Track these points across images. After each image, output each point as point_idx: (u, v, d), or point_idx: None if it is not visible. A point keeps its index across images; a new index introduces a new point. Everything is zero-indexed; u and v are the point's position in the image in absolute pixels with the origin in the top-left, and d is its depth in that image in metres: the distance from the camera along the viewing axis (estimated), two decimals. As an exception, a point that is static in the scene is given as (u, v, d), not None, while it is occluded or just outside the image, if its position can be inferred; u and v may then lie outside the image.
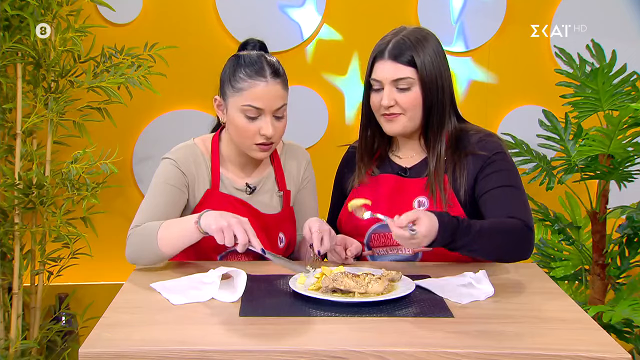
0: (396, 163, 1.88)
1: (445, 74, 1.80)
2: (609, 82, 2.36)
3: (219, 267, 1.62)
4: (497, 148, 1.81)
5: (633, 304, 2.14)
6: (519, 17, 2.85)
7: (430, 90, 1.77)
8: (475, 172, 1.79)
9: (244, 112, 1.74)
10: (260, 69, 1.74)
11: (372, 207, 1.70)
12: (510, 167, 1.81)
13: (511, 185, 1.77)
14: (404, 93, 1.77)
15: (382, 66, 1.78)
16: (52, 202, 2.43)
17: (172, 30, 2.74)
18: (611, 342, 1.33)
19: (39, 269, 2.52)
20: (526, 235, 1.71)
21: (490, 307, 1.50)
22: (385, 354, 1.27)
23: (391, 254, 1.84)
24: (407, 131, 1.82)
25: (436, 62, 1.77)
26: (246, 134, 1.75)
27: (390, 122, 1.80)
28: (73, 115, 2.52)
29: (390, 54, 1.76)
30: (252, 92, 1.73)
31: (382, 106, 1.78)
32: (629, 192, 2.49)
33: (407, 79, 1.76)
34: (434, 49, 1.78)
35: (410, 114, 1.78)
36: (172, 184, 1.79)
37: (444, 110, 1.80)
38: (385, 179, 1.86)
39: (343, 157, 2.00)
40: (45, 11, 2.40)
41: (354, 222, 1.84)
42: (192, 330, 1.36)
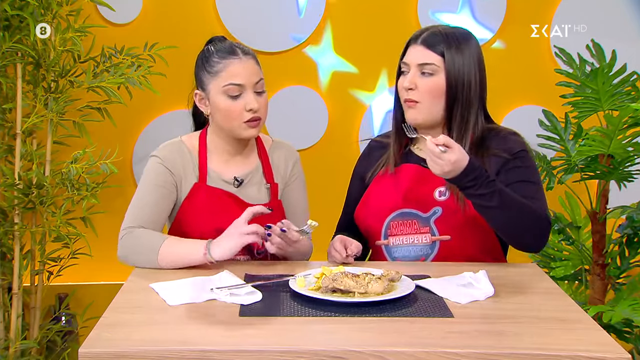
0: (418, 155, 1.90)
1: (476, 74, 1.81)
2: (609, 82, 2.36)
3: (222, 273, 1.62)
4: (519, 147, 1.84)
5: (633, 304, 2.14)
6: (519, 17, 2.85)
7: (456, 83, 1.79)
8: (496, 169, 1.81)
9: (225, 92, 1.79)
10: (230, 50, 1.82)
11: (394, 195, 1.81)
12: (530, 165, 1.84)
13: (531, 182, 1.81)
14: (426, 78, 1.80)
15: (412, 50, 1.83)
16: (52, 202, 2.43)
17: (172, 30, 2.74)
18: (611, 342, 1.33)
19: (39, 269, 2.52)
20: (543, 223, 1.75)
21: (490, 307, 1.50)
22: (385, 354, 1.27)
23: (407, 244, 1.85)
24: (427, 121, 1.83)
25: (467, 60, 1.80)
26: (233, 114, 1.79)
27: (410, 109, 1.83)
28: (73, 115, 2.52)
29: (423, 40, 1.82)
30: (229, 71, 1.79)
31: (403, 88, 1.82)
32: (629, 192, 2.49)
33: (432, 65, 1.79)
34: (469, 49, 1.81)
35: (429, 102, 1.80)
36: (160, 185, 1.82)
37: (470, 107, 1.81)
38: (407, 168, 1.88)
39: (365, 149, 2.03)
40: (45, 11, 2.40)
41: (373, 209, 1.86)
42: (192, 330, 1.36)
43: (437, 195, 1.82)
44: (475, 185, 1.66)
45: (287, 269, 1.73)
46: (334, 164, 2.93)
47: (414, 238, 1.83)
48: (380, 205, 1.85)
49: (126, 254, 1.76)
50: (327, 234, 2.77)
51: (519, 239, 1.77)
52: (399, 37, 2.85)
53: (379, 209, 1.86)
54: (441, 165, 1.63)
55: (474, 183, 1.66)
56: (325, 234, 2.69)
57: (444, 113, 1.82)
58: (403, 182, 1.86)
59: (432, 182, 1.83)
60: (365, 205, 1.91)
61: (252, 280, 1.62)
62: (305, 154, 2.90)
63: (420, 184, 1.84)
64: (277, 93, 2.85)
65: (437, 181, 1.82)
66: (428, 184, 1.84)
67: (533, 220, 1.73)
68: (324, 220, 2.86)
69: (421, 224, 1.82)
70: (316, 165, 2.90)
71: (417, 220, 1.82)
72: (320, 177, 2.91)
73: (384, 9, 2.85)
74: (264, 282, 1.60)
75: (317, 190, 2.89)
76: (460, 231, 1.80)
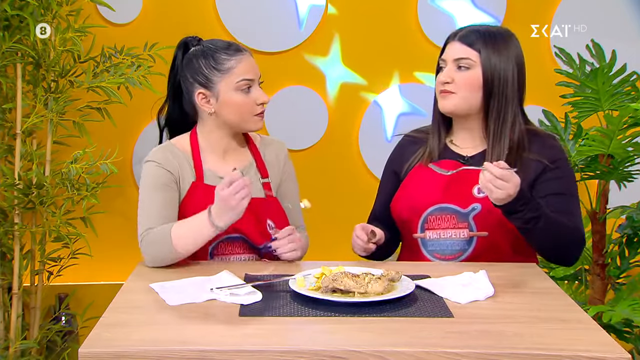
0: (455, 152, 1.91)
1: (514, 72, 1.84)
2: (609, 82, 2.36)
3: (222, 273, 1.63)
4: (558, 153, 1.88)
5: (633, 304, 2.13)
6: (519, 17, 2.85)
7: (492, 77, 1.82)
8: (535, 174, 1.84)
9: (239, 88, 1.83)
10: (235, 48, 1.86)
11: (432, 189, 1.86)
12: (569, 174, 1.88)
13: (569, 194, 1.85)
14: (462, 72, 1.84)
15: (450, 47, 1.88)
16: (52, 202, 2.43)
17: (172, 30, 2.73)
18: (611, 342, 1.33)
19: (39, 269, 2.52)
20: (579, 240, 1.82)
21: (490, 307, 1.50)
22: (385, 354, 1.27)
23: (444, 239, 1.86)
24: (459, 111, 1.86)
25: (505, 58, 1.84)
26: (246, 107, 1.83)
27: (443, 98, 1.87)
28: (73, 115, 2.52)
29: (460, 37, 1.86)
30: (241, 67, 1.83)
31: (440, 82, 1.86)
32: (629, 192, 2.48)
33: (468, 59, 1.83)
34: (507, 48, 1.85)
35: (464, 94, 1.84)
36: (162, 183, 1.82)
37: (507, 103, 1.84)
38: (446, 164, 1.89)
39: (397, 144, 2.05)
40: (45, 11, 2.40)
41: (411, 202, 1.88)
42: (192, 330, 1.36)
43: (475, 192, 1.84)
44: (524, 209, 1.70)
45: (287, 269, 1.73)
46: (334, 164, 2.93)
47: (451, 232, 1.85)
48: (418, 199, 1.87)
49: (150, 257, 1.76)
50: (327, 233, 2.78)
51: (555, 256, 1.85)
52: (401, 36, 2.88)
53: (417, 202, 1.88)
54: (508, 189, 1.64)
55: (523, 207, 1.70)
56: (325, 232, 2.70)
57: (481, 106, 1.85)
58: (443, 177, 1.87)
59: (470, 179, 1.85)
60: (402, 198, 1.92)
61: (252, 280, 1.62)
62: (305, 154, 2.91)
63: (458, 180, 1.86)
64: (277, 93, 2.85)
65: (476, 178, 1.82)
66: (467, 180, 1.85)
67: (570, 239, 1.80)
68: (324, 219, 2.88)
69: (460, 219, 1.84)
70: (316, 165, 2.90)
71: (455, 215, 1.84)
72: (321, 177, 2.92)
73: (384, 10, 2.85)
74: (264, 282, 1.60)
75: (317, 190, 2.90)
76: (498, 229, 1.81)
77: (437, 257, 1.86)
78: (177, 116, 1.93)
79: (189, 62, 1.86)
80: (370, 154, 2.93)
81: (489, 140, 1.87)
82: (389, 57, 2.89)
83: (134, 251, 2.40)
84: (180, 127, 1.94)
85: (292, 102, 2.86)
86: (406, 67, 2.90)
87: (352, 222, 2.90)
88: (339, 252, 2.90)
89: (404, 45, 2.88)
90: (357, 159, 2.95)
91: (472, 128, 1.90)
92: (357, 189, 2.95)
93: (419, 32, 2.88)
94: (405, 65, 2.90)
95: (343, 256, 2.86)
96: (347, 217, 2.92)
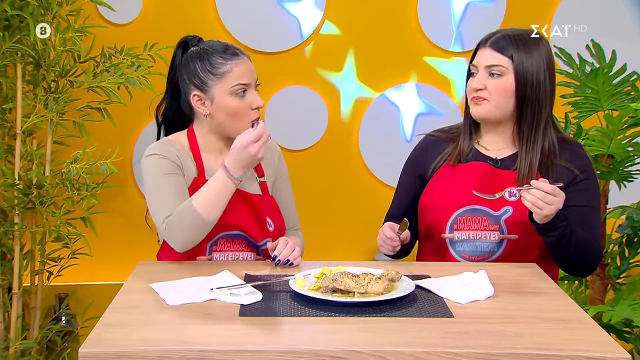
0: (484, 154, 1.92)
1: (545, 76, 1.84)
2: (609, 82, 2.36)
3: (223, 273, 1.63)
4: (587, 163, 1.90)
5: (633, 304, 2.13)
6: (519, 17, 2.85)
7: (525, 83, 1.82)
8: (566, 181, 1.85)
9: (233, 92, 1.81)
10: (232, 51, 1.84)
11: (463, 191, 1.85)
12: (596, 187, 1.91)
13: (594, 208, 1.88)
14: (495, 79, 1.84)
15: (481, 53, 1.87)
16: (52, 202, 2.43)
17: (172, 30, 2.72)
18: (611, 342, 1.34)
19: (39, 269, 2.52)
20: (598, 254, 1.87)
21: (490, 307, 1.50)
22: (385, 354, 1.27)
23: (473, 240, 1.86)
24: (491, 117, 1.87)
25: (537, 62, 1.83)
26: (240, 112, 1.82)
27: (476, 105, 1.87)
28: (73, 115, 2.52)
29: (491, 43, 1.85)
30: (236, 72, 1.81)
31: (472, 89, 1.86)
32: (629, 192, 2.49)
33: (500, 66, 1.83)
34: (539, 52, 1.84)
35: (497, 101, 1.84)
36: (169, 172, 1.81)
37: (540, 107, 1.85)
38: (477, 166, 1.90)
39: (420, 143, 2.04)
40: (45, 11, 2.40)
41: (440, 203, 1.88)
42: (191, 330, 1.36)
43: (507, 195, 1.84)
44: (560, 227, 1.73)
45: (287, 269, 1.74)
46: (334, 164, 2.93)
47: (481, 234, 1.86)
48: (448, 199, 1.87)
49: (180, 240, 1.75)
50: (327, 233, 2.78)
51: (574, 268, 1.88)
52: (401, 36, 2.88)
53: (447, 203, 1.88)
54: (557, 204, 1.68)
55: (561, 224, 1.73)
56: (325, 232, 2.70)
57: (515, 111, 1.86)
58: (473, 179, 1.88)
59: (502, 182, 1.86)
60: (430, 197, 1.92)
61: (252, 280, 1.62)
62: (305, 154, 2.91)
63: (490, 183, 1.87)
64: (277, 93, 2.85)
65: (506, 181, 1.86)
66: (498, 183, 1.86)
67: (592, 255, 1.85)
68: (324, 219, 2.88)
69: (491, 222, 1.85)
70: (316, 166, 2.90)
71: (487, 218, 1.84)
72: (321, 178, 2.92)
73: (384, 9, 2.85)
74: (264, 282, 1.60)
75: (317, 190, 2.90)
76: (528, 233, 1.82)
77: (466, 257, 1.87)
78: (175, 114, 1.93)
79: (186, 63, 1.86)
80: (378, 155, 2.92)
81: (522, 146, 1.87)
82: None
83: (134, 251, 2.41)
84: (177, 125, 1.94)
85: (292, 103, 2.86)
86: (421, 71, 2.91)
87: (352, 222, 2.93)
88: (339, 252, 2.91)
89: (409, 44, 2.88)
90: (357, 159, 2.95)
91: (503, 132, 1.90)
92: (357, 189, 2.95)
93: (419, 31, 2.88)
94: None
95: (343, 256, 2.88)
96: (347, 218, 2.95)
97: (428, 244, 1.95)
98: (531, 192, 1.67)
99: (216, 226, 1.77)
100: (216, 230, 1.79)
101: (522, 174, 1.85)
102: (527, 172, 1.84)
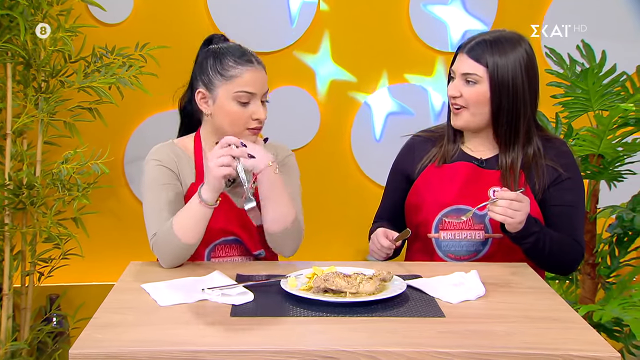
0: (469, 154, 1.93)
1: (523, 81, 1.83)
2: (599, 83, 2.37)
3: (214, 273, 1.63)
4: (571, 161, 1.91)
5: (623, 303, 2.14)
6: (510, 18, 2.86)
7: (500, 91, 1.82)
8: (549, 180, 1.87)
9: (236, 98, 1.78)
10: (246, 56, 1.81)
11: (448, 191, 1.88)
12: (581, 186, 1.92)
13: (578, 207, 1.90)
14: (470, 87, 1.84)
15: (459, 59, 1.88)
16: (42, 202, 2.42)
17: (163, 30, 2.74)
18: (601, 341, 1.34)
19: (30, 270, 2.51)
20: (579, 254, 1.89)
21: (481, 307, 1.51)
22: (376, 354, 1.28)
23: (459, 239, 1.88)
24: (471, 126, 1.88)
25: (513, 67, 1.82)
26: (239, 120, 1.79)
27: (455, 115, 1.89)
28: (64, 116, 2.51)
29: (468, 49, 1.85)
30: (244, 78, 1.78)
31: (449, 95, 1.88)
32: (619, 191, 2.50)
33: (475, 75, 1.83)
34: (516, 55, 1.83)
35: (473, 110, 1.85)
36: (165, 183, 1.81)
37: (519, 113, 1.84)
38: (462, 166, 1.91)
39: (406, 144, 2.05)
40: (35, 11, 2.39)
41: (425, 202, 1.90)
42: (183, 330, 1.36)
43: (491, 194, 1.86)
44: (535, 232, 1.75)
45: (279, 269, 1.73)
46: (326, 164, 2.93)
47: (466, 234, 1.87)
48: (434, 199, 1.89)
49: (164, 260, 1.75)
50: (319, 233, 2.78)
51: (555, 269, 1.90)
52: (392, 36, 2.88)
53: (432, 203, 1.89)
54: (525, 208, 1.70)
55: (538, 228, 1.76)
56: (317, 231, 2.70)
57: (490, 119, 1.86)
58: (458, 179, 1.89)
59: (486, 181, 1.88)
60: (416, 198, 1.93)
61: (243, 280, 1.62)
62: (297, 154, 2.89)
63: (475, 182, 1.88)
64: (269, 94, 2.84)
65: (491, 181, 1.87)
66: (483, 183, 1.88)
67: (571, 255, 1.86)
68: (316, 218, 2.87)
69: (476, 221, 1.86)
70: (308, 166, 2.90)
71: (471, 217, 1.85)
72: (312, 177, 2.92)
73: (375, 10, 2.85)
74: (255, 282, 1.60)
75: (309, 190, 2.89)
76: None
77: (452, 257, 1.88)
78: (190, 109, 1.91)
79: (201, 59, 1.84)
80: (362, 154, 2.93)
81: (501, 149, 1.89)
82: (378, 56, 2.89)
83: (126, 251, 2.40)
84: (192, 119, 1.91)
85: (283, 103, 2.86)
86: (395, 67, 2.91)
87: (344, 221, 2.93)
88: (331, 252, 2.92)
89: (394, 44, 2.89)
90: (349, 159, 2.96)
91: (486, 136, 1.91)
92: (349, 188, 2.96)
93: (410, 31, 2.89)
94: (395, 65, 2.91)
95: (335, 256, 2.88)
96: (339, 217, 2.95)
97: (416, 244, 1.96)
98: (497, 204, 1.69)
99: (213, 232, 1.78)
100: (214, 236, 1.79)
101: (505, 175, 1.86)
102: (510, 173, 1.86)
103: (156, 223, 1.77)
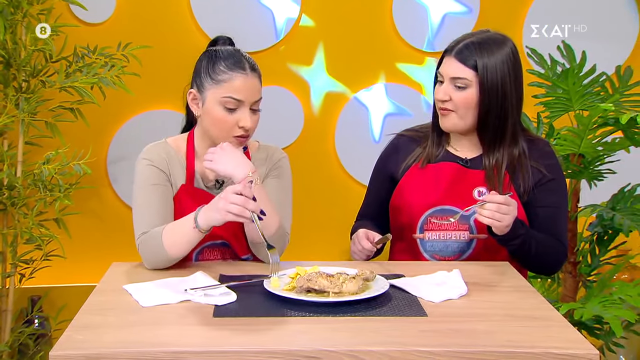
0: (454, 154, 1.93)
1: (512, 82, 1.84)
2: (579, 83, 2.40)
3: (197, 274, 1.62)
4: (554, 161, 1.93)
5: (603, 300, 2.16)
6: (492, 21, 2.87)
7: (489, 94, 1.83)
8: (534, 182, 1.88)
9: (223, 104, 1.76)
10: (240, 62, 1.78)
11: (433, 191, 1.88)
12: (562, 187, 1.93)
13: (560, 207, 1.92)
14: (459, 91, 1.84)
15: (447, 62, 1.87)
16: (24, 203, 2.40)
17: (145, 30, 2.72)
18: (580, 338, 1.36)
19: (11, 272, 2.48)
20: (563, 255, 1.92)
21: (463, 306, 1.52)
22: (359, 354, 1.28)
23: (444, 240, 1.88)
24: (458, 129, 1.89)
25: (501, 69, 1.83)
26: (224, 126, 1.77)
27: (443, 117, 1.89)
28: (45, 116, 2.49)
29: (456, 52, 1.84)
30: (233, 84, 1.75)
31: (438, 99, 1.87)
32: (599, 191, 2.52)
33: (464, 79, 1.83)
34: (503, 57, 1.84)
35: (462, 113, 1.85)
36: (155, 183, 1.80)
37: (507, 115, 1.85)
38: (447, 166, 1.91)
39: (391, 143, 2.04)
40: (15, 10, 2.37)
41: (410, 203, 1.90)
42: (165, 331, 1.36)
43: (476, 195, 1.87)
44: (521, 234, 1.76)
45: (261, 270, 1.73)
46: (310, 164, 2.93)
47: (451, 234, 1.88)
48: (418, 200, 1.89)
49: (147, 262, 1.74)
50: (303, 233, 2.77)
51: (539, 270, 1.93)
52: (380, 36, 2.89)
53: (417, 203, 1.89)
54: (513, 211, 1.71)
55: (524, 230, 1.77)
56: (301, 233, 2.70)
57: (477, 122, 1.86)
58: (443, 179, 1.89)
59: (471, 182, 1.88)
60: (400, 198, 1.93)
61: (226, 280, 1.62)
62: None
63: (460, 183, 1.89)
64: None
65: (476, 181, 1.88)
66: (468, 183, 1.88)
67: (554, 255, 1.88)
68: (304, 217, 2.87)
69: (461, 222, 1.86)
70: (292, 166, 2.89)
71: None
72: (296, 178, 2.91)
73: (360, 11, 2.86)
74: (238, 282, 1.60)
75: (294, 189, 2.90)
76: None
77: (436, 257, 1.89)
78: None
79: (200, 59, 1.83)
80: (350, 154, 2.93)
81: (484, 152, 1.90)
82: (370, 61, 2.89)
83: (108, 252, 2.39)
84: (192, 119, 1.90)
85: (267, 103, 2.84)
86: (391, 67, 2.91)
87: (329, 222, 2.93)
88: (315, 252, 2.91)
89: (383, 45, 2.89)
90: (333, 159, 2.96)
91: (471, 138, 1.92)
92: (333, 189, 2.96)
93: (394, 30, 2.90)
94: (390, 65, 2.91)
95: (319, 256, 2.88)
96: (324, 218, 2.95)
97: (400, 244, 1.96)
98: (485, 207, 1.69)
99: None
100: (203, 239, 1.78)
101: (489, 175, 1.88)
102: (494, 173, 1.87)
103: (144, 222, 1.76)
